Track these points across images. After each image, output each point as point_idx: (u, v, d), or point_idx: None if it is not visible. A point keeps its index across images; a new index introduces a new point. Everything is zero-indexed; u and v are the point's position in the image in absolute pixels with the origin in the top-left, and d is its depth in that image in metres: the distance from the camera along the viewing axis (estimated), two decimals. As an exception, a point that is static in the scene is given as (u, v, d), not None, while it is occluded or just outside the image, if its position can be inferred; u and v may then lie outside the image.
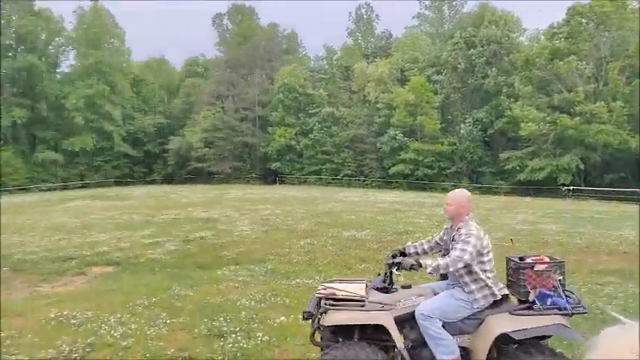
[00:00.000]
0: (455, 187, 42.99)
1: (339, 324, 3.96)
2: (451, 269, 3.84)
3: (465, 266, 3.89)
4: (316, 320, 4.03)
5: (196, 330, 6.12)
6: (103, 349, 5.68)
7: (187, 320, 6.51)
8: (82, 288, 8.74)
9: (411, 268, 3.91)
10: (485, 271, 3.91)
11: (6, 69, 49.83)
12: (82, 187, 46.93)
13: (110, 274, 9.68)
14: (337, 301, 3.99)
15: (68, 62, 56.70)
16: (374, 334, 3.97)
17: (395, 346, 3.89)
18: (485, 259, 3.93)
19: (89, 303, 7.55)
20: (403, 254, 4.35)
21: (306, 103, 52.36)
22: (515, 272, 4.01)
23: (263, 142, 53.01)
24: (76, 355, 5.55)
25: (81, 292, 8.37)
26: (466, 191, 4.23)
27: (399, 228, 14.99)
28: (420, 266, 3.88)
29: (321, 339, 4.09)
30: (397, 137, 45.22)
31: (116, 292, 8.22)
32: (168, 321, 6.49)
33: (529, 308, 3.84)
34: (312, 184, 47.58)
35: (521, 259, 4.09)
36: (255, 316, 6.57)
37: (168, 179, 53.96)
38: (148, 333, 6.08)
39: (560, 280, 3.89)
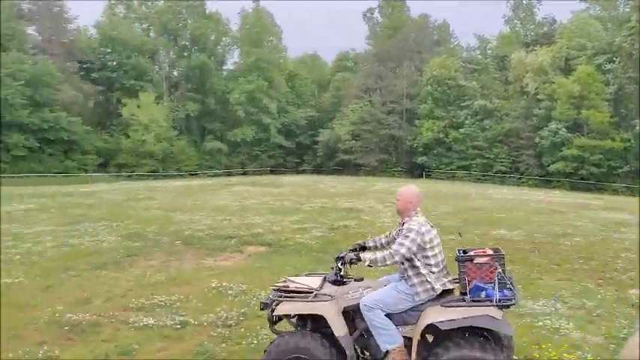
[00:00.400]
0: (627, 189, 38.21)
1: (283, 314, 4.18)
2: (388, 262, 3.94)
3: (408, 260, 3.98)
4: (270, 310, 4.18)
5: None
6: (254, 319, 6.23)
7: (329, 302, 6.81)
8: (238, 264, 9.63)
9: (350, 262, 4.13)
10: (429, 265, 3.98)
11: (182, 68, 56.46)
12: (242, 174, 51.22)
13: (262, 254, 10.49)
14: (289, 293, 4.14)
15: (233, 60, 62.43)
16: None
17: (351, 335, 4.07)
18: (429, 253, 3.99)
19: (244, 277, 8.30)
20: (364, 248, 4.45)
21: (456, 95, 50.59)
22: (459, 265, 3.98)
23: (410, 136, 52.55)
24: (232, 321, 6.17)
25: (238, 268, 9.23)
26: (415, 188, 4.28)
27: (555, 230, 13.81)
28: (359, 260, 4.08)
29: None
30: (560, 132, 41.41)
31: (267, 270, 8.90)
32: (312, 301, 6.85)
33: (462, 300, 3.85)
34: (461, 180, 45.92)
35: (464, 252, 4.06)
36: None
37: (318, 170, 56.33)
38: (293, 310, 6.50)
39: (499, 272, 3.83)
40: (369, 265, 4.05)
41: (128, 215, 16.09)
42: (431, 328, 3.86)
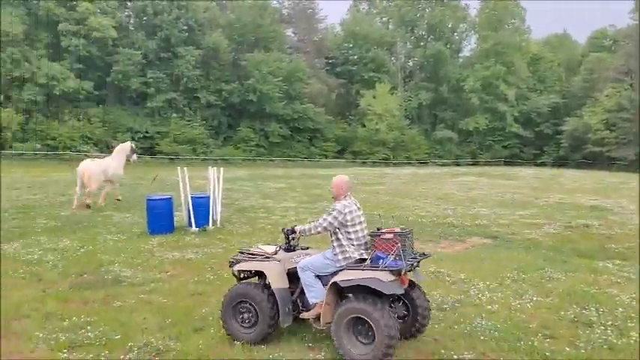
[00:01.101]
0: None
1: (238, 269, 5.30)
2: (312, 232, 5.00)
3: (335, 233, 4.87)
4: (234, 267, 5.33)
5: (562, 313, 5.89)
6: (470, 307, 6.18)
7: (555, 302, 6.32)
8: (459, 253, 9.56)
9: (288, 232, 5.25)
10: (350, 239, 4.85)
11: (418, 57, 57.36)
12: (472, 164, 49.72)
13: (486, 246, 10.19)
14: (249, 255, 5.32)
15: (469, 47, 60.67)
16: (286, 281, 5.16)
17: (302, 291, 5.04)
18: (351, 229, 4.85)
19: (463, 266, 8.23)
20: None
21: None
22: (371, 239, 4.86)
23: (685, 125, 43.36)
24: (446, 306, 6.22)
25: (458, 256, 9.17)
26: (345, 177, 5.09)
27: None
28: (294, 231, 5.19)
29: None
30: None
31: (489, 262, 8.63)
32: (534, 298, 6.47)
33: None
34: None
35: (378, 229, 4.87)
36: (633, 315, 5.79)
37: (560, 162, 50.99)
38: (512, 304, 6.24)
39: (398, 247, 4.58)
40: (300, 234, 5.17)
41: (358, 198, 17.26)
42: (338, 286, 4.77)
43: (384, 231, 4.81)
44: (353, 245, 4.84)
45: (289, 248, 5.30)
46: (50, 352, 4.84)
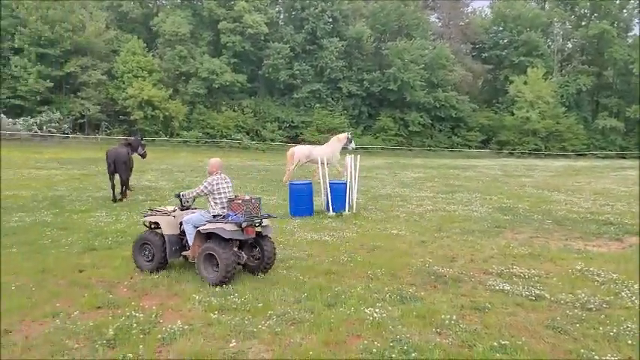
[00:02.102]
0: None
1: (144, 221, 7.53)
2: (190, 196, 7.22)
3: (207, 197, 7.10)
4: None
5: None
6: (619, 310, 5.66)
7: None
8: (613, 252, 8.68)
9: (178, 196, 7.36)
10: (216, 202, 7.02)
11: (577, 39, 51.93)
12: (641, 157, 43.92)
13: (648, 246, 9.08)
14: (156, 211, 7.45)
15: (642, 24, 53.17)
16: (182, 233, 7.15)
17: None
18: (217, 196, 7.01)
19: (616, 266, 7.51)
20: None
21: None
22: (229, 203, 6.98)
23: None
24: (592, 306, 5.77)
25: (611, 256, 8.34)
26: (217, 159, 7.46)
27: None
28: (180, 196, 7.33)
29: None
30: None
31: (651, 263, 7.73)
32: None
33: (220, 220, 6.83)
34: None
35: (236, 196, 7.06)
36: None
37: None
38: (673, 311, 5.56)
39: (243, 209, 6.70)
40: (182, 197, 7.24)
41: (502, 190, 16.52)
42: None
43: (238, 197, 6.90)
44: (218, 206, 6.95)
45: (183, 208, 7.30)
46: (204, 313, 5.53)
